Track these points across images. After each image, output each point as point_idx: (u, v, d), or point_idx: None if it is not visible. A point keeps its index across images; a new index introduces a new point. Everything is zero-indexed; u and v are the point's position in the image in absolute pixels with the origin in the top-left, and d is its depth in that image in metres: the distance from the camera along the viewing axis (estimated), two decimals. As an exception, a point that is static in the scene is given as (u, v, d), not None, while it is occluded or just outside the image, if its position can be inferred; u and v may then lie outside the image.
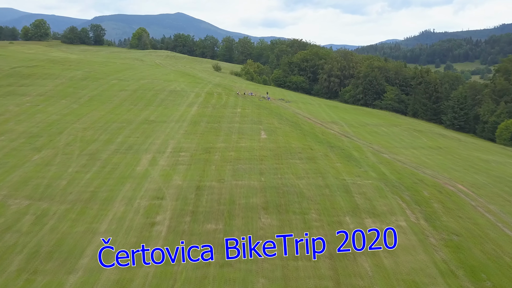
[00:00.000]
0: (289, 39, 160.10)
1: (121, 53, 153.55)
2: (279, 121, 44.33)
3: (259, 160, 31.10)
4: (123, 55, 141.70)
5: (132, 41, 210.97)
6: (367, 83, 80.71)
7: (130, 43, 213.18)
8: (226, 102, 52.10)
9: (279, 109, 52.31)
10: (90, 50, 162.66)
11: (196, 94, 54.67)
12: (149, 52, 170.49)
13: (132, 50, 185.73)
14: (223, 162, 30.30)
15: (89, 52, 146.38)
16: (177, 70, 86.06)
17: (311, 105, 62.41)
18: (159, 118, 41.37)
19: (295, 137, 38.56)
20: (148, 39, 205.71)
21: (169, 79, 64.13)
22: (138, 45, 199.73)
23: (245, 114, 46.39)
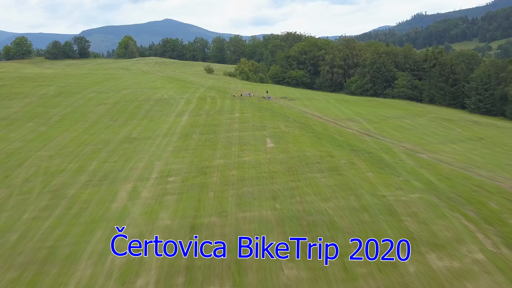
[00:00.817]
0: (282, 33, 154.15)
1: (107, 64, 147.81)
2: (285, 124, 38.04)
3: (269, 178, 24.77)
4: (108, 65, 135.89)
5: (118, 51, 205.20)
6: (375, 71, 74.36)
7: (117, 52, 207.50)
8: (221, 107, 45.82)
9: (283, 109, 46.01)
10: (75, 64, 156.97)
11: (187, 101, 48.39)
12: (137, 60, 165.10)
13: (120, 60, 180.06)
14: (224, 185, 23.98)
15: (74, 66, 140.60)
16: (165, 76, 79.84)
17: (318, 101, 56.10)
18: (142, 134, 35.06)
19: (309, 142, 32.25)
20: (135, 47, 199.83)
21: (155, 87, 57.85)
22: (125, 54, 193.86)
23: (245, 119, 40.10)
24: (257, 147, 30.95)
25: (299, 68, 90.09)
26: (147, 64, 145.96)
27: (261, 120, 39.80)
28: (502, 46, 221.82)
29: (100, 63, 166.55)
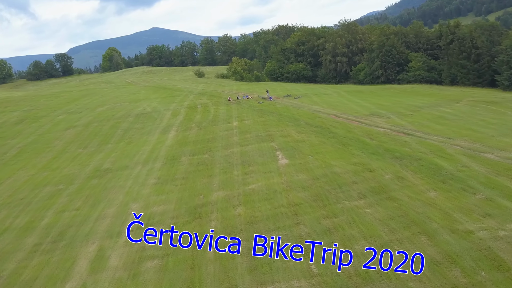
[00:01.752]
0: (273, 27, 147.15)
1: (92, 79, 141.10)
2: (297, 130, 30.85)
3: (291, 216, 17.53)
4: (91, 80, 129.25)
5: (103, 64, 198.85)
6: (384, 55, 67.09)
7: (102, 66, 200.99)
8: (215, 116, 38.66)
9: (290, 110, 38.83)
10: (59, 83, 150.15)
11: (174, 112, 41.23)
12: (123, 72, 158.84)
13: (105, 74, 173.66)
14: (228, 233, 16.76)
15: (58, 85, 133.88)
16: (150, 85, 72.75)
17: (328, 95, 48.89)
18: (118, 162, 27.84)
19: (333, 152, 25.04)
20: (120, 58, 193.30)
21: (137, 99, 50.71)
22: (111, 67, 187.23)
23: (246, 128, 32.91)
24: (266, 166, 23.74)
25: (298, 61, 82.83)
26: (134, 74, 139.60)
27: (265, 127, 32.62)
28: (501, 18, 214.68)
29: (84, 79, 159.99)
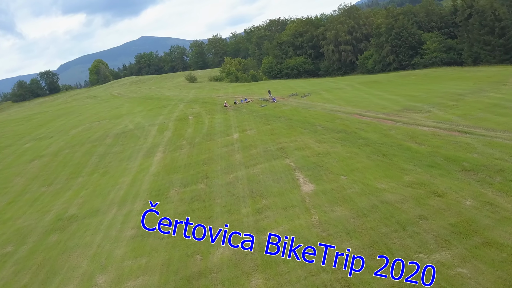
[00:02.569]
0: (264, 22, 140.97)
1: (78, 95, 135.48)
2: (315, 138, 24.50)
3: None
4: (78, 96, 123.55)
5: (90, 78, 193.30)
6: (394, 38, 60.72)
7: (90, 80, 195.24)
8: (211, 127, 32.35)
9: (300, 112, 32.51)
10: (46, 102, 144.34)
11: (161, 128, 34.94)
12: (111, 84, 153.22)
13: (93, 87, 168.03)
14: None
15: (45, 103, 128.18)
16: (137, 97, 66.51)
17: (341, 90, 42.52)
18: (86, 205, 21.47)
19: (373, 167, 18.67)
20: (107, 70, 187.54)
21: (119, 115, 44.42)
22: (99, 79, 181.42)
23: (250, 141, 26.58)
24: (285, 197, 17.37)
25: (297, 54, 76.50)
26: (122, 86, 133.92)
27: (274, 138, 26.29)
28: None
29: (72, 95, 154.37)
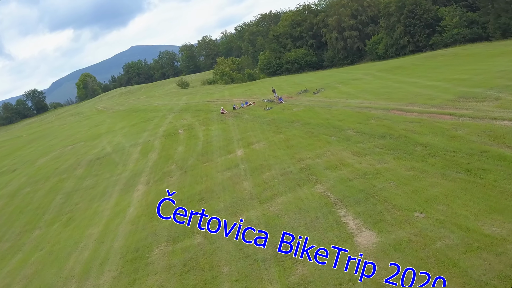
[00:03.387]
0: (255, 17, 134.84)
1: (66, 112, 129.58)
2: (351, 149, 17.94)
3: None
4: (65, 113, 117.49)
5: (78, 93, 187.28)
6: (407, 17, 54.21)
7: (77, 95, 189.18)
8: (207, 143, 25.86)
9: (318, 113, 26.01)
10: (34, 122, 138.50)
11: (144, 148, 28.45)
12: (99, 97, 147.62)
13: (81, 103, 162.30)
14: None
15: (33, 124, 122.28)
16: (123, 109, 60.11)
17: (360, 80, 35.96)
18: (35, 280, 14.95)
19: (458, 191, 12.07)
20: (95, 83, 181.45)
21: (97, 134, 37.99)
22: (87, 94, 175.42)
23: (260, 160, 20.03)
24: (332, 260, 10.85)
25: (297, 46, 69.96)
26: (111, 98, 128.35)
27: (292, 152, 19.79)
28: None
29: (60, 112, 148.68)
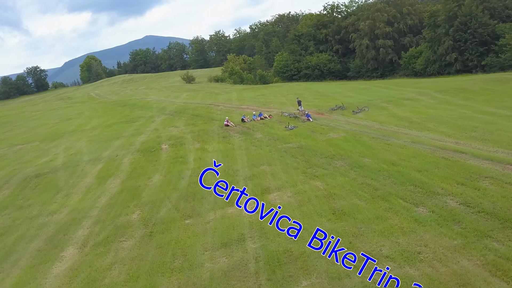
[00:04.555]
0: (272, 17, 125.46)
1: (65, 93, 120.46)
2: (471, 248, 8.45)
3: None
4: (62, 95, 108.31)
5: (81, 75, 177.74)
6: (458, 30, 44.66)
7: (80, 77, 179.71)
8: (197, 175, 16.36)
9: (371, 149, 16.48)
10: (32, 100, 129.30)
11: (106, 168, 18.94)
12: (101, 82, 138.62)
13: (83, 86, 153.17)
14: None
15: (30, 102, 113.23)
16: (113, 100, 50.71)
17: (416, 101, 26.32)
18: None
19: None
20: (100, 67, 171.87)
21: (59, 133, 28.56)
22: (90, 77, 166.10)
23: (285, 240, 10.54)
24: None
25: (320, 50, 60.41)
26: (112, 84, 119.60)
27: (347, 231, 10.34)
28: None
29: (59, 93, 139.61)
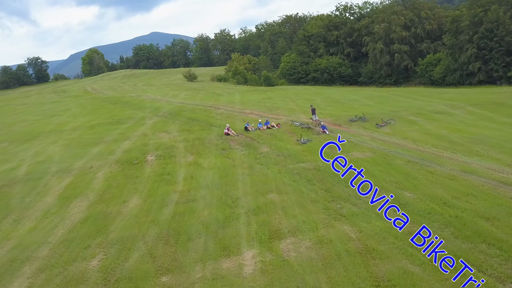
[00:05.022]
0: (279, 18, 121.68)
1: (63, 86, 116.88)
2: None
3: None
4: (62, 87, 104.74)
5: (83, 68, 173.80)
6: (483, 37, 40.85)
7: (82, 70, 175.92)
8: (185, 200, 12.51)
9: (409, 178, 12.58)
10: (30, 91, 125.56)
11: (74, 184, 15.05)
12: (101, 76, 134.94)
13: (83, 79, 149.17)
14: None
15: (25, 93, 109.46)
16: (107, 96, 46.96)
17: (452, 117, 22.41)
18: None
19: None
20: (102, 61, 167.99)
21: (35, 133, 24.77)
22: (91, 70, 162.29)
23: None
24: None
25: (330, 53, 56.54)
26: (113, 79, 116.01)
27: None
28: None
29: (59, 85, 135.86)
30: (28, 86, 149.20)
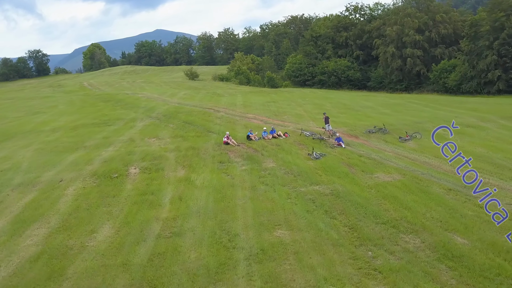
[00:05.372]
0: (284, 18, 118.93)
1: (62, 80, 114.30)
2: None
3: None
4: (60, 82, 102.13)
5: (84, 62, 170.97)
6: (504, 44, 38.00)
7: (83, 65, 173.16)
8: (170, 235, 9.51)
9: (458, 218, 9.59)
10: (29, 85, 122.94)
11: (33, 205, 12.08)
12: (102, 71, 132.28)
13: (84, 74, 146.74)
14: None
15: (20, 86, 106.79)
16: (101, 93, 44.07)
17: (484, 131, 19.51)
18: None
19: None
20: (103, 56, 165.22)
21: (11, 133, 21.91)
22: (92, 65, 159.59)
23: None
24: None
25: (338, 55, 53.63)
26: (113, 74, 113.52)
27: None
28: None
29: (59, 79, 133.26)
30: (28, 79, 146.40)
